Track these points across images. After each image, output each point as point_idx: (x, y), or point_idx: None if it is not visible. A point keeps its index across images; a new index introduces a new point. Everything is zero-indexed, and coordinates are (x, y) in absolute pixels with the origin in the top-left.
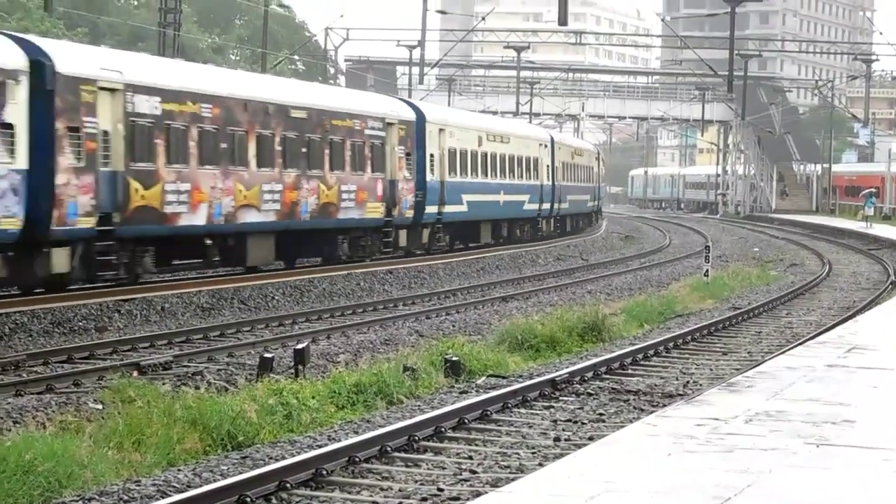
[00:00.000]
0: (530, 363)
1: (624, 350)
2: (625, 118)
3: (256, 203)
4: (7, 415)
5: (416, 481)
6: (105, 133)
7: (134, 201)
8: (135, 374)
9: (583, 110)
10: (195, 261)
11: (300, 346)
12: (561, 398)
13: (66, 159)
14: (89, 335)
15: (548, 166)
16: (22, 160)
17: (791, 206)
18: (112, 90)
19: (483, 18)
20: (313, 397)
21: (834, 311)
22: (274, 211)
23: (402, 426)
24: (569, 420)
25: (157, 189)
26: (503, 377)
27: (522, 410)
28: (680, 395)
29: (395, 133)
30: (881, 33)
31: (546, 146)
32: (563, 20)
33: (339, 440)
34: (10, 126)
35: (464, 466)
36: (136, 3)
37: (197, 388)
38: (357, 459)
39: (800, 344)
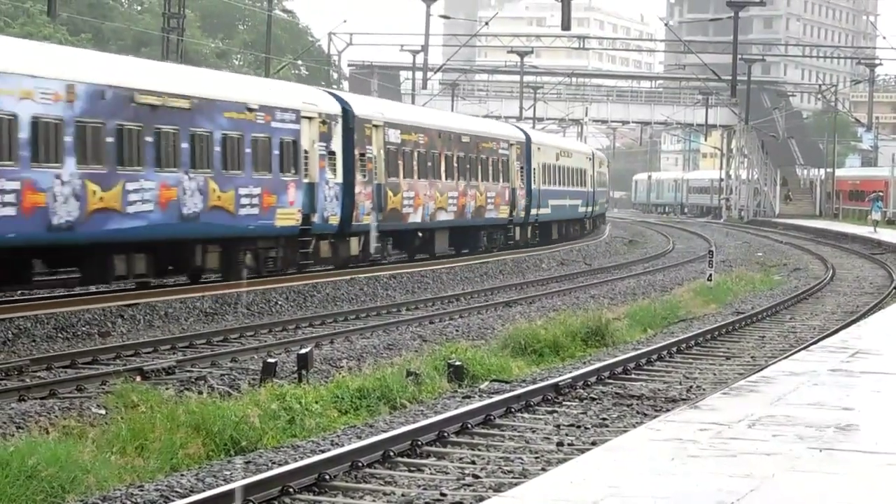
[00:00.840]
0: (533, 368)
1: (627, 355)
2: (628, 123)
3: (445, 206)
4: (10, 420)
5: (419, 486)
6: (373, 157)
7: (389, 205)
8: (138, 379)
9: (586, 115)
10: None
11: (303, 351)
12: (564, 403)
13: (359, 175)
14: (93, 340)
15: (591, 176)
16: (340, 176)
17: (795, 211)
18: (377, 126)
19: (486, 23)
20: (316, 402)
21: (837, 316)
22: (452, 212)
23: (406, 431)
24: (572, 425)
25: (400, 196)
26: (506, 382)
27: (526, 415)
28: (683, 399)
29: (515, 151)
30: (884, 37)
31: (590, 159)
32: (566, 25)
33: (342, 445)
34: (333, 153)
35: (467, 471)
36: (139, 8)
37: (200, 393)
38: (360, 464)
39: (803, 348)
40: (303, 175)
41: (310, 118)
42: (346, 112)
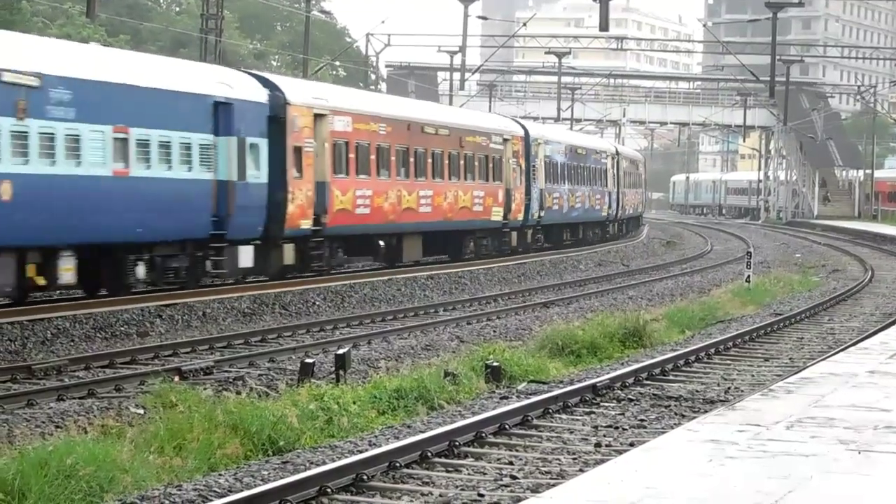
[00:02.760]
0: (571, 369)
1: (665, 356)
2: (666, 124)
3: (627, 205)
4: (49, 419)
5: (457, 487)
6: (620, 176)
7: (622, 204)
8: (176, 379)
9: (624, 116)
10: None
11: (341, 351)
12: (602, 404)
13: (620, 187)
14: (131, 340)
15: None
16: (616, 188)
17: (833, 212)
18: (623, 158)
19: (524, 24)
20: (354, 402)
21: (876, 318)
22: (631, 208)
23: (443, 431)
24: (610, 426)
25: (625, 199)
26: (544, 383)
27: (563, 416)
28: (721, 401)
29: (641, 167)
30: None
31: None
32: (604, 26)
33: (380, 445)
34: (614, 175)
35: (504, 472)
36: (178, 9)
37: (238, 393)
38: (398, 465)
39: (842, 350)
40: (608, 187)
41: (609, 155)
42: (617, 151)
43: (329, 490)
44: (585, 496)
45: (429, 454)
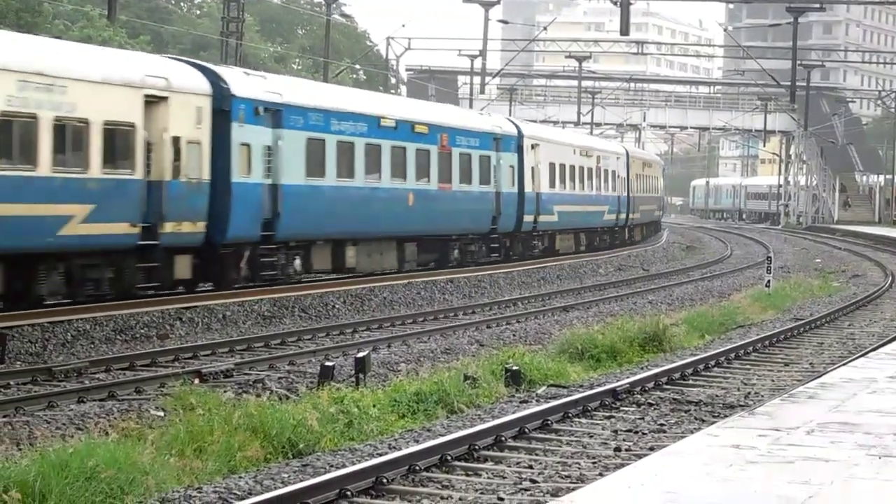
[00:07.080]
0: (591, 373)
1: (685, 360)
2: (686, 128)
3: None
4: (70, 421)
5: (476, 490)
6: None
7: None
8: (196, 381)
9: (644, 120)
10: None
11: (361, 354)
12: (622, 408)
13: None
14: (151, 342)
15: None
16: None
17: (853, 217)
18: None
19: (545, 28)
20: (374, 406)
21: None
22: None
23: (463, 435)
24: (629, 430)
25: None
26: (564, 387)
27: (583, 420)
28: (741, 405)
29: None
30: None
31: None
32: (624, 30)
33: (400, 449)
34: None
35: (524, 476)
36: (198, 12)
37: (258, 395)
38: (417, 468)
39: (862, 355)
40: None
41: (660, 167)
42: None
43: (349, 493)
44: (605, 500)
45: (448, 458)
